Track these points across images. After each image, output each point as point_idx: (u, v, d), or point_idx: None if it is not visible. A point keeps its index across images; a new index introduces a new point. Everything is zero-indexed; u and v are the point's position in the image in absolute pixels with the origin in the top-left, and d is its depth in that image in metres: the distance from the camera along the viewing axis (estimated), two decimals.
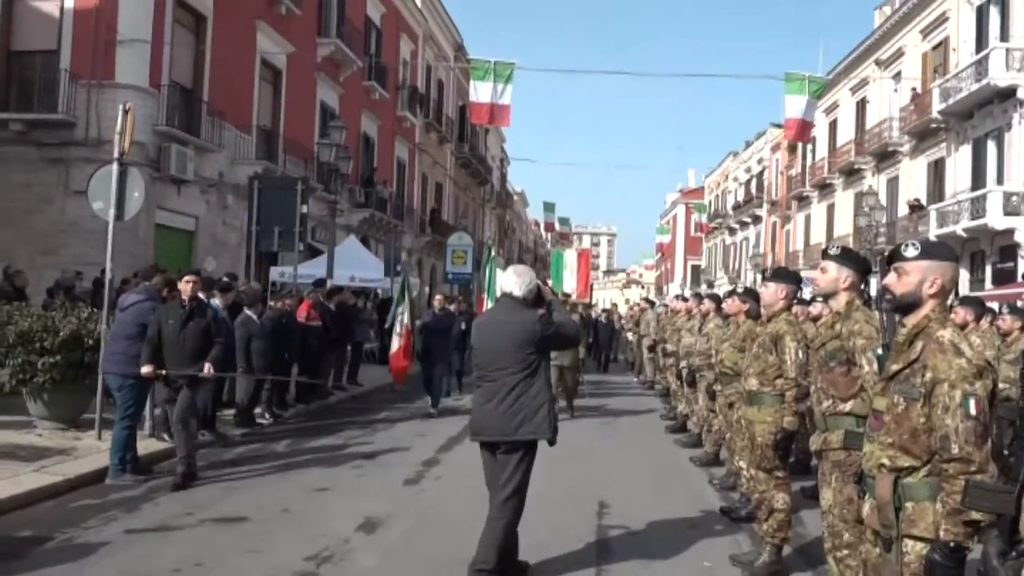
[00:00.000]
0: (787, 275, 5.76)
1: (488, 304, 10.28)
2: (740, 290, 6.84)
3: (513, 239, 62.20)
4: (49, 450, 7.48)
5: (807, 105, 15.73)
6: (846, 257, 3.91)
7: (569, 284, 20.41)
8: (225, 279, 10.42)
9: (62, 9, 14.93)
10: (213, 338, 7.10)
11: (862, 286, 3.93)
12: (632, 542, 5.69)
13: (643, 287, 78.20)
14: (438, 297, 12.81)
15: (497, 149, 51.11)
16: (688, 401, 9.94)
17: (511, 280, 4.77)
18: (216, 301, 9.05)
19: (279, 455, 8.34)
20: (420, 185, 33.39)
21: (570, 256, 22.37)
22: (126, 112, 8.10)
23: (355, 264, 17.91)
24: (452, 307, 13.85)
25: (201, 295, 8.99)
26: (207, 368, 6.90)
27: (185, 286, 7.11)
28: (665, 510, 6.54)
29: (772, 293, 5.38)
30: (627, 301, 62.28)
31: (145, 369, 6.74)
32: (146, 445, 7.69)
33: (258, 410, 10.25)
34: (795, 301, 6.38)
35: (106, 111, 14.31)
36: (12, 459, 7.04)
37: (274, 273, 16.87)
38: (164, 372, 6.81)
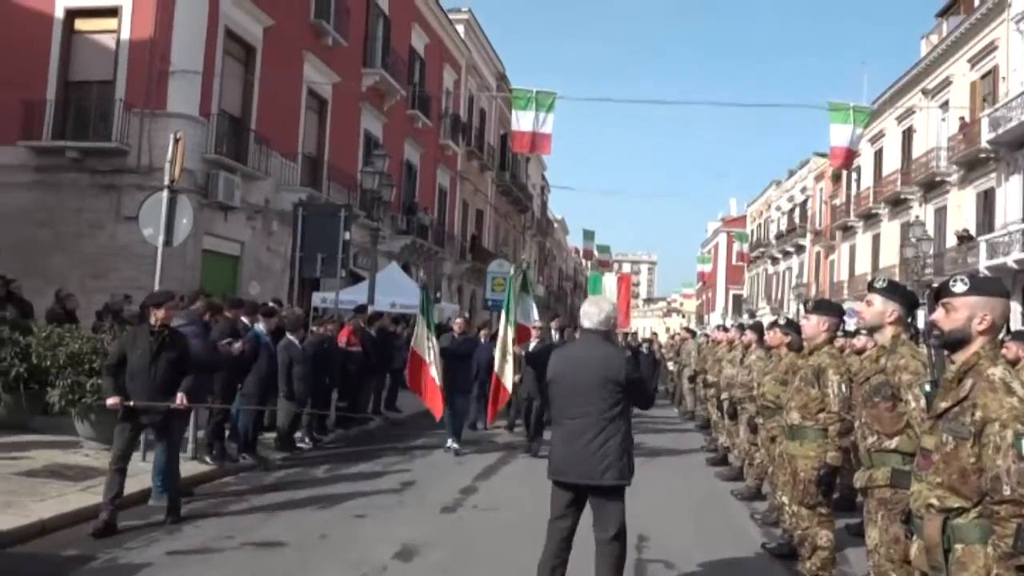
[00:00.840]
0: (829, 307, 5.68)
1: (507, 329, 9.84)
2: (782, 322, 6.76)
3: (553, 266, 62.23)
4: (95, 470, 7.61)
5: (853, 134, 15.58)
6: (892, 290, 3.85)
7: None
8: (270, 304, 10.59)
9: (118, 41, 15.42)
10: (186, 370, 6.40)
11: (909, 320, 3.86)
12: None
13: (683, 316, 77.53)
14: (457, 321, 12.05)
15: (538, 177, 51.35)
16: (729, 434, 9.80)
17: (585, 310, 4.66)
18: (260, 326, 9.20)
19: (318, 480, 8.39)
20: (461, 212, 33.65)
21: (609, 280, 20.99)
22: (177, 141, 8.32)
23: (396, 290, 18.06)
24: (482, 333, 13.68)
25: (245, 319, 9.22)
26: (180, 398, 6.21)
27: (158, 312, 6.31)
28: (706, 545, 6.43)
29: (814, 326, 5.33)
30: (667, 330, 61.77)
31: (111, 401, 6.10)
32: (188, 468, 7.79)
33: (298, 434, 10.34)
34: (839, 334, 6.29)
35: (158, 139, 14.70)
36: (59, 478, 7.19)
37: (316, 299, 17.09)
38: (132, 404, 6.09)
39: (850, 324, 10.06)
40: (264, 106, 17.84)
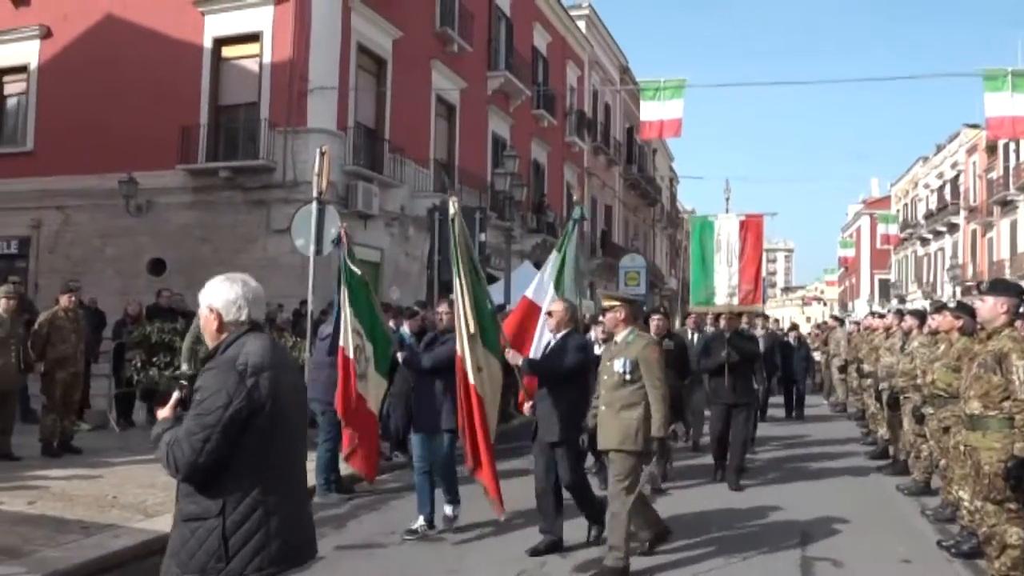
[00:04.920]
0: (1007, 287, 5.28)
1: (469, 307, 5.78)
2: (952, 304, 6.33)
3: (685, 257, 61.04)
4: None
5: (1016, 100, 14.37)
6: None
7: (725, 279, 9.75)
8: (414, 307, 10.91)
9: (260, 64, 16.29)
10: None
11: None
12: (841, 575, 5.36)
13: (825, 304, 74.24)
14: (441, 308, 6.81)
15: (666, 168, 50.50)
16: (890, 426, 9.27)
17: None
18: (405, 328, 9.49)
19: (470, 478, 8.52)
20: (589, 208, 33.51)
21: (726, 225, 10.09)
22: (323, 155, 8.69)
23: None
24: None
25: (391, 323, 9.53)
26: None
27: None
28: (874, 542, 6.13)
29: (991, 307, 4.96)
30: (808, 319, 59.31)
31: None
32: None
33: None
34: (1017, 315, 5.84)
35: (300, 154, 15.46)
36: None
37: None
38: None
39: None
40: (396, 116, 18.39)
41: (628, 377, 5.28)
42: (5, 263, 17.42)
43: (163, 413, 2.69)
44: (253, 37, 16.37)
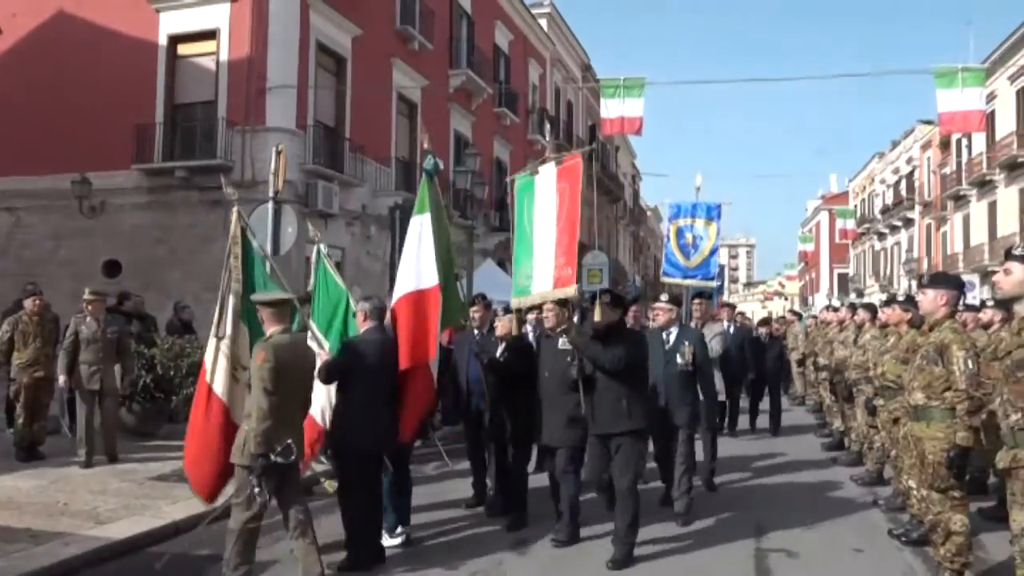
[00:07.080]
0: (946, 280, 5.42)
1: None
2: (900, 298, 6.46)
3: (648, 255, 61.50)
4: None
5: (967, 96, 14.66)
6: None
7: (546, 257, 6.35)
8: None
9: (217, 62, 16.08)
10: None
11: None
12: (794, 566, 5.45)
13: (786, 299, 75.26)
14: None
15: (628, 166, 50.78)
16: (844, 417, 9.46)
17: None
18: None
19: (430, 478, 8.52)
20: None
21: (545, 180, 6.53)
22: (279, 153, 8.59)
23: (493, 288, 18.13)
24: (530, 317, 7.63)
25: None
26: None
27: None
28: (827, 532, 6.24)
29: (931, 300, 5.09)
30: (770, 314, 60.08)
31: None
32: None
33: None
34: (962, 308, 5.98)
35: (259, 154, 15.27)
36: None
37: None
38: None
39: (970, 297, 9.51)
40: (356, 114, 18.27)
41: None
42: None
43: None
44: (209, 35, 16.13)
